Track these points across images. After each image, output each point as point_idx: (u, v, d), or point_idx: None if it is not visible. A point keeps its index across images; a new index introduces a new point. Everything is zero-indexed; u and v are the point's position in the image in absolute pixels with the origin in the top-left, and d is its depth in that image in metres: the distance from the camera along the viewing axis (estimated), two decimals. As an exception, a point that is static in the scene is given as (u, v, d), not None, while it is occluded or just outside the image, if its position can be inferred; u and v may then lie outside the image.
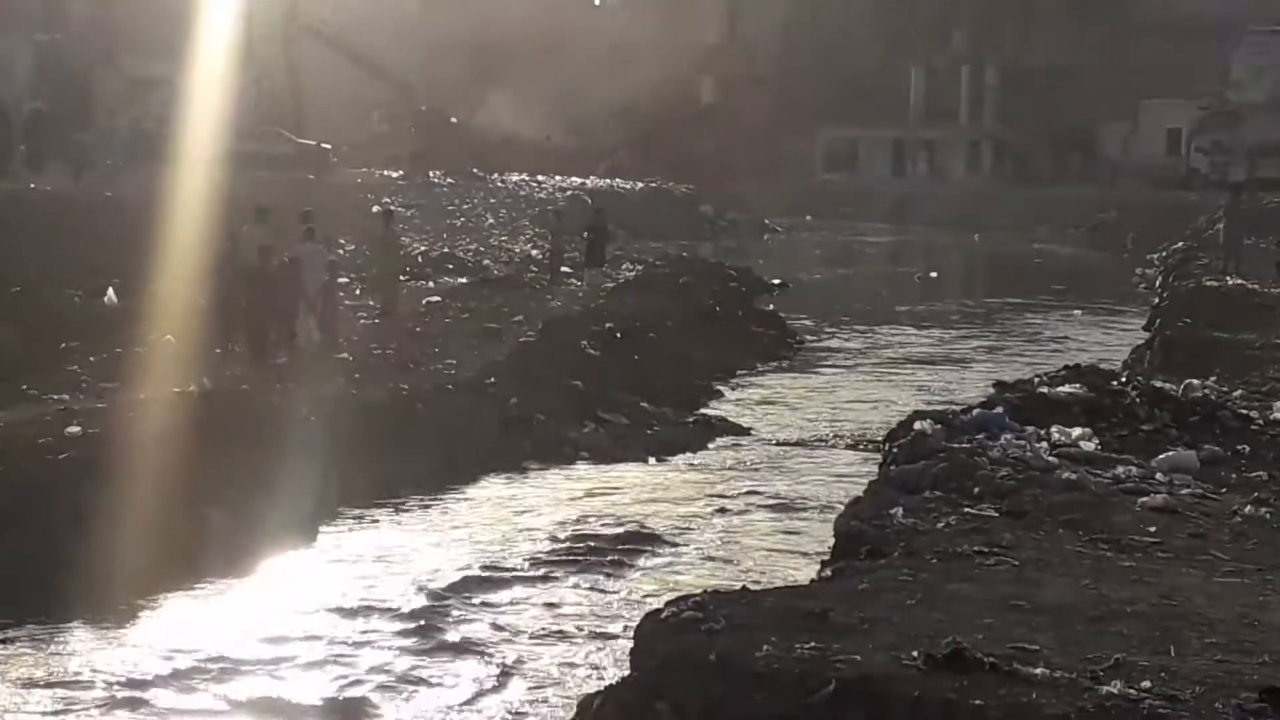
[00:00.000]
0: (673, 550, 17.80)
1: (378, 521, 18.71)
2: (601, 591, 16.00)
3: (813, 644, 8.69)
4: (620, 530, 18.59)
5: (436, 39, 70.39)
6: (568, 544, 17.97)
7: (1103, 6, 75.50)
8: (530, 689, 13.43)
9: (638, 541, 18.04)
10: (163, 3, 48.71)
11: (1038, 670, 8.26)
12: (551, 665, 13.90)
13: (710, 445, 24.04)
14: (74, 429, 17.53)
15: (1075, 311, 41.02)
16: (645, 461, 22.60)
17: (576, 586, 16.31)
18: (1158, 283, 40.75)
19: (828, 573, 12.64)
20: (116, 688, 12.90)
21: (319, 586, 16.29)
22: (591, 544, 17.91)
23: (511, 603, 15.67)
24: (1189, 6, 74.55)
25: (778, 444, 24.43)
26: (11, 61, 46.75)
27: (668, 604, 10.12)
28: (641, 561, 17.33)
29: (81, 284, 26.77)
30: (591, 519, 19.10)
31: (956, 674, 8.09)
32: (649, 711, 8.88)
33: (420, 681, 13.72)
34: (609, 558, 17.36)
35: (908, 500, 13.90)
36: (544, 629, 14.88)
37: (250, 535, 17.20)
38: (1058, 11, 76.39)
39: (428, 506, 19.46)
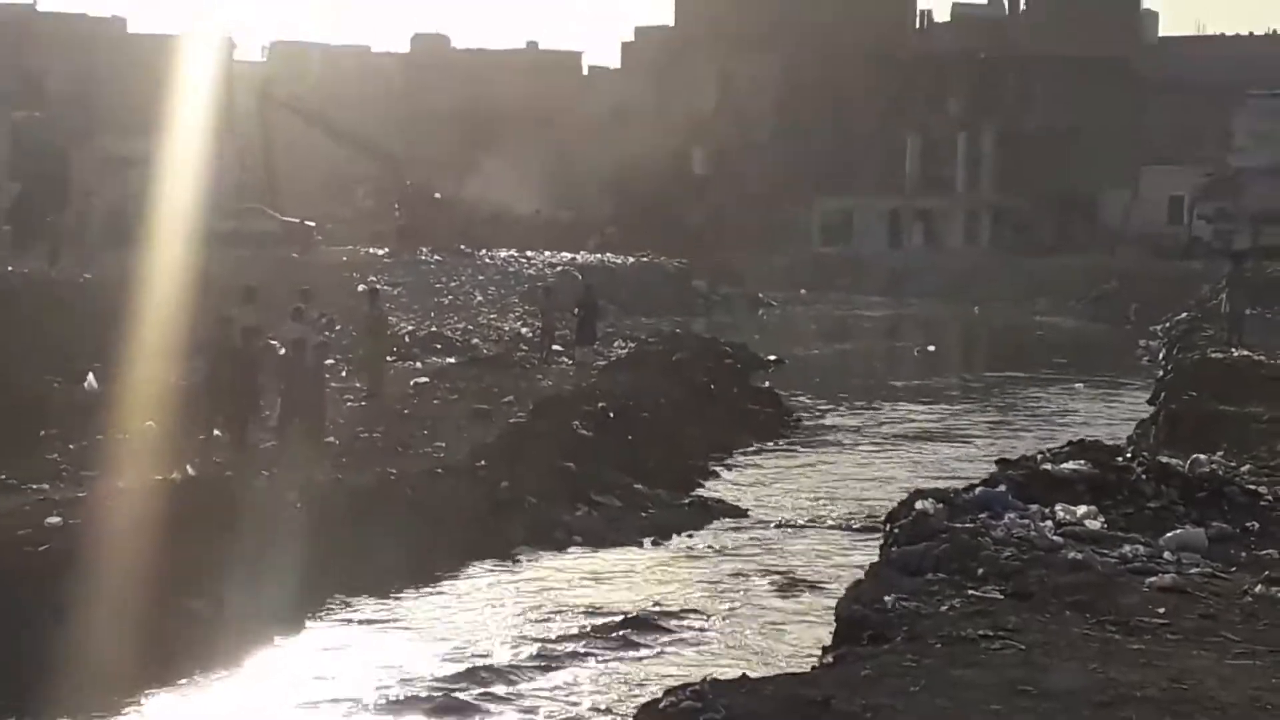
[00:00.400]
0: (670, 637, 17.63)
1: (365, 612, 18.47)
2: (595, 684, 15.81)
3: None
4: (615, 618, 18.33)
5: (423, 110, 71.42)
6: (559, 634, 17.77)
7: (1101, 70, 75.81)
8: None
9: (633, 628, 17.82)
10: (141, 80, 49.00)
11: None
12: None
13: (706, 527, 23.94)
14: (54, 519, 17.32)
15: (1078, 385, 41.21)
16: (640, 545, 22.46)
17: (569, 680, 16.10)
18: (1161, 355, 40.81)
19: (829, 659, 12.55)
20: None
21: (303, 682, 16.07)
22: (585, 633, 17.76)
23: (504, 697, 15.41)
24: (1190, 70, 75.97)
25: (775, 526, 24.34)
26: None
27: (665, 693, 10.07)
28: (638, 650, 17.12)
29: (60, 369, 26.68)
30: (585, 607, 18.95)
31: None
32: None
33: None
34: (603, 647, 17.17)
35: (910, 583, 13.80)
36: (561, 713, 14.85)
37: (233, 628, 17.02)
38: (1055, 75, 77.06)
39: (416, 597, 19.23)
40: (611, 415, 28.67)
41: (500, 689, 15.59)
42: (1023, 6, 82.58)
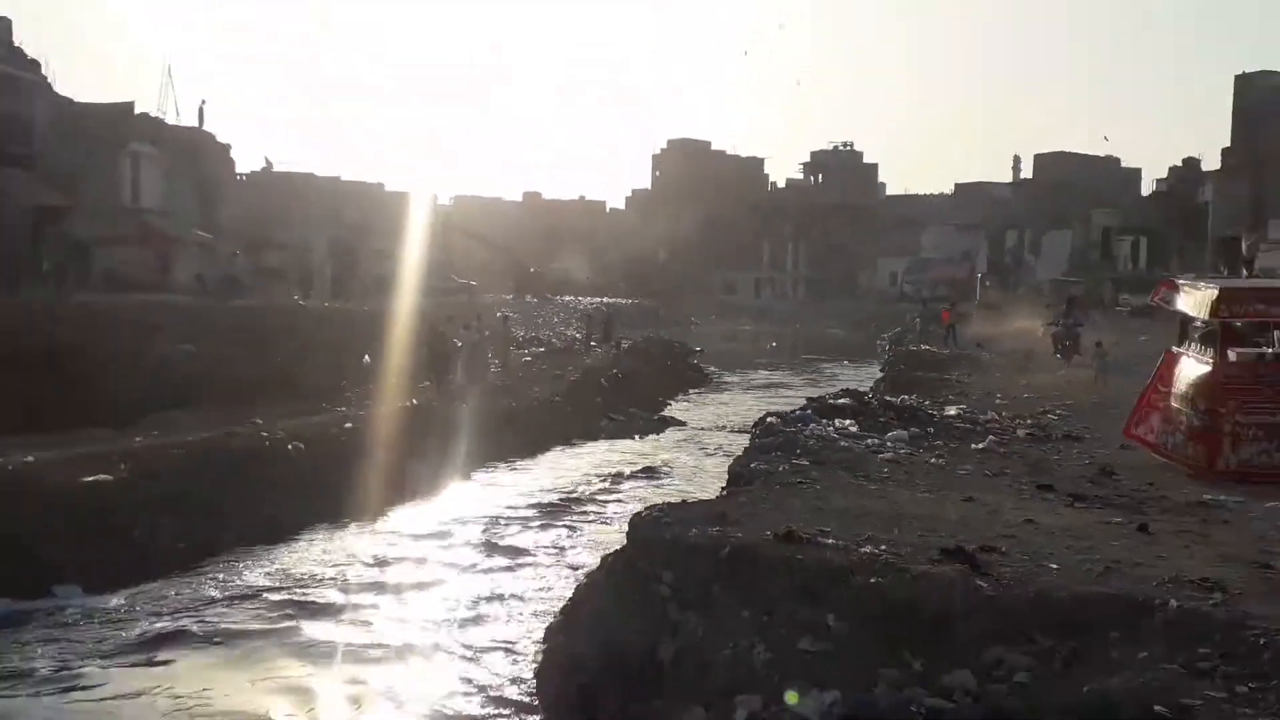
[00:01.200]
0: (648, 481, 25.06)
1: (501, 469, 26.32)
2: (615, 502, 22.42)
3: (717, 529, 11.14)
4: (623, 471, 26.17)
5: (527, 230, 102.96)
6: (597, 478, 25.21)
7: (857, 210, 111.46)
8: (577, 547, 18.76)
9: (631, 477, 25.53)
10: (392, 214, 67.98)
11: (829, 541, 10.56)
12: (591, 537, 19.19)
13: (666, 430, 33.66)
14: (348, 424, 24.64)
15: (845, 362, 55.85)
16: (633, 438, 31.52)
17: (604, 499, 22.76)
18: (887, 349, 54.26)
19: (724, 493, 15.39)
20: (372, 555, 18.05)
21: (474, 500, 22.71)
22: (609, 478, 25.25)
23: (572, 508, 21.95)
24: (905, 209, 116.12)
25: (699, 429, 33.59)
26: (316, 243, 64.40)
27: (645, 509, 12.72)
28: (634, 488, 24.12)
29: (353, 353, 33.03)
30: (610, 466, 26.84)
31: (791, 543, 10.50)
32: (635, 564, 11.26)
33: (518, 538, 19.47)
34: (619, 485, 24.58)
35: (763, 457, 16.98)
36: (587, 519, 20.94)
37: (441, 473, 24.32)
38: (833, 213, 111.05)
39: (528, 462, 27.36)
40: (620, 376, 39.13)
41: (572, 504, 22.42)
42: (820, 179, 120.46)
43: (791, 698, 9.01)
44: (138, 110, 54.02)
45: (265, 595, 15.77)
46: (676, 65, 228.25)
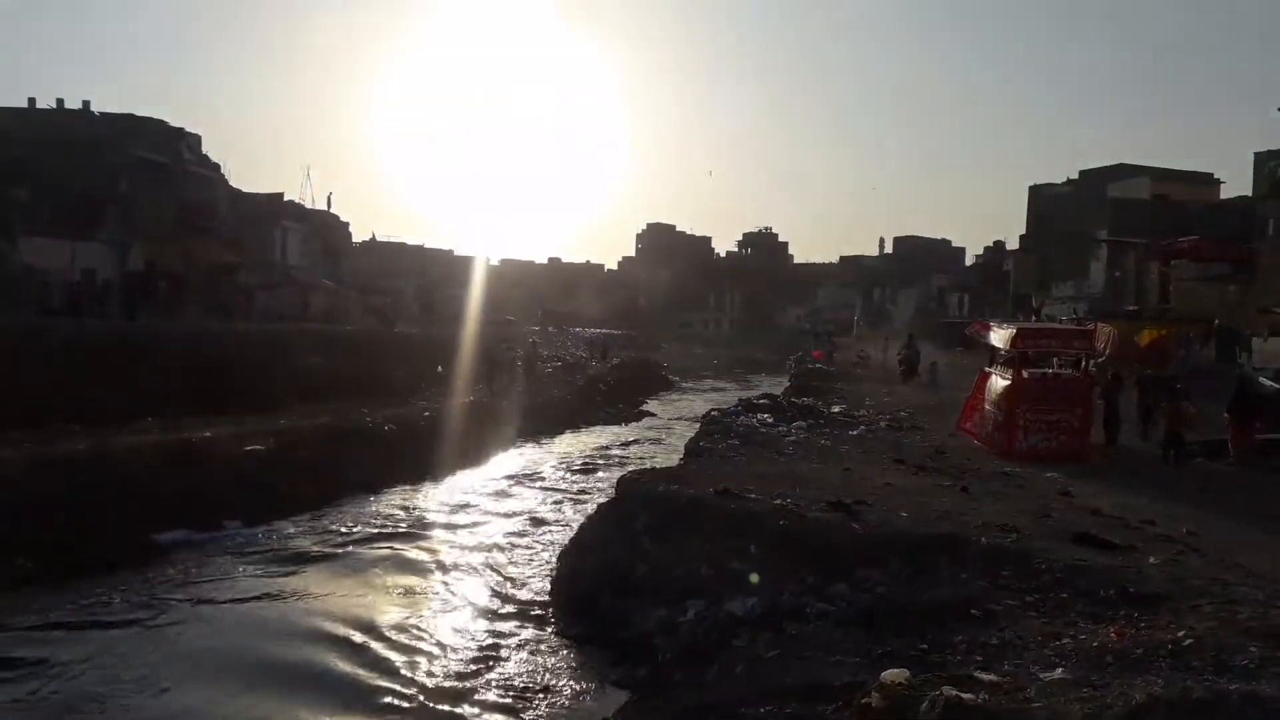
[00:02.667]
0: (631, 453, 24.79)
1: (532, 444, 26.10)
2: (609, 467, 21.80)
3: (675, 486, 11.37)
4: (614, 446, 26.10)
5: (548, 285, 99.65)
6: (596, 451, 25.12)
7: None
8: (582, 496, 18.38)
9: (620, 450, 25.32)
10: (459, 269, 70.53)
11: (753, 495, 10.66)
12: (592, 489, 18.80)
13: (643, 420, 33.20)
14: (427, 414, 24.67)
15: (763, 376, 51.69)
16: (621, 425, 31.29)
17: (601, 468, 22.15)
18: (792, 367, 48.14)
19: (682, 462, 15.53)
20: (442, 502, 18.03)
21: (512, 463, 23.04)
22: (606, 450, 25.24)
23: (577, 470, 21.95)
24: (806, 273, 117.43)
25: (667, 419, 33.40)
26: (404, 291, 63.86)
27: (627, 474, 13.09)
28: (621, 456, 23.91)
29: (431, 363, 32.62)
30: (605, 443, 26.80)
31: (726, 497, 10.61)
32: (621, 509, 11.29)
33: (543, 490, 19.42)
34: (611, 455, 24.35)
35: (708, 439, 17.77)
36: (589, 477, 20.68)
37: (489, 447, 24.14)
38: (760, 277, 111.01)
39: (549, 440, 26.99)
40: (612, 382, 39.35)
41: (579, 467, 22.27)
42: (749, 251, 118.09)
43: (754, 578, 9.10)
44: (286, 198, 53.97)
45: (368, 528, 15.67)
46: (655, 168, 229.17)
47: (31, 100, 43.76)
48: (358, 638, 10.44)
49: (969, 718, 5.48)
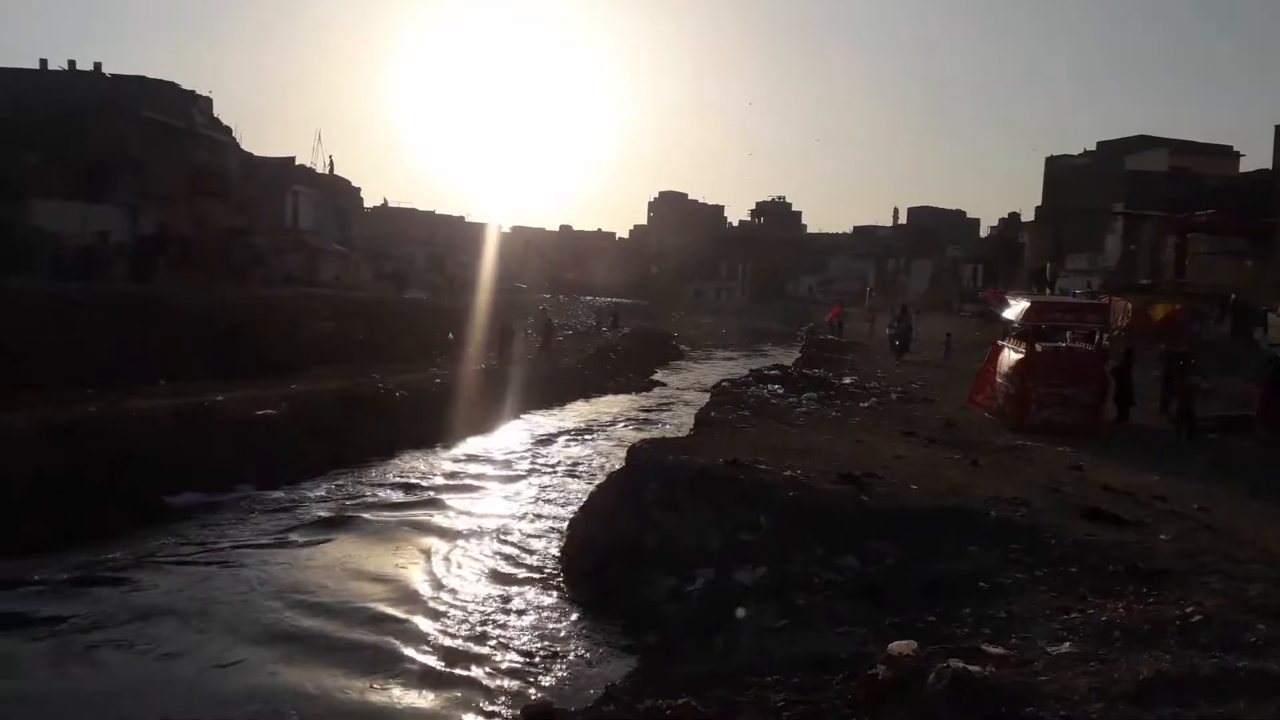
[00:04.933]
0: (641, 422, 24.80)
1: (542, 412, 25.89)
2: (618, 435, 22.08)
3: (685, 456, 11.32)
4: (624, 415, 25.90)
5: (559, 250, 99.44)
6: (606, 419, 25.03)
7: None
8: (592, 465, 18.52)
9: (629, 419, 25.15)
10: (470, 236, 69.57)
11: (763, 466, 10.63)
12: (601, 458, 18.78)
13: (653, 390, 32.74)
14: (438, 380, 24.52)
15: (774, 346, 50.47)
16: (631, 394, 30.96)
17: (610, 433, 22.72)
18: (803, 338, 48.53)
19: (692, 432, 15.76)
20: (451, 468, 18.11)
21: (523, 431, 23.03)
22: (615, 419, 25.15)
23: (588, 439, 21.96)
24: (819, 242, 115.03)
25: (676, 389, 32.79)
26: (416, 256, 63.98)
27: (639, 442, 13.04)
28: (631, 426, 23.89)
29: (449, 330, 33.50)
30: (614, 412, 26.65)
31: (736, 468, 10.52)
32: (630, 478, 11.36)
33: (553, 457, 19.51)
34: (620, 424, 24.38)
35: (719, 409, 17.43)
36: (598, 446, 20.73)
37: (500, 414, 24.05)
38: (773, 247, 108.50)
39: (560, 408, 26.82)
40: (622, 351, 38.99)
41: (589, 436, 22.40)
42: (762, 220, 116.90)
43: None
44: (296, 162, 53.84)
45: (380, 493, 15.80)
46: (668, 136, 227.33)
47: (43, 62, 43.58)
48: (368, 600, 10.57)
49: (976, 690, 5.50)
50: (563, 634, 9.71)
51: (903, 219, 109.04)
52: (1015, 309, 17.93)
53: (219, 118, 47.56)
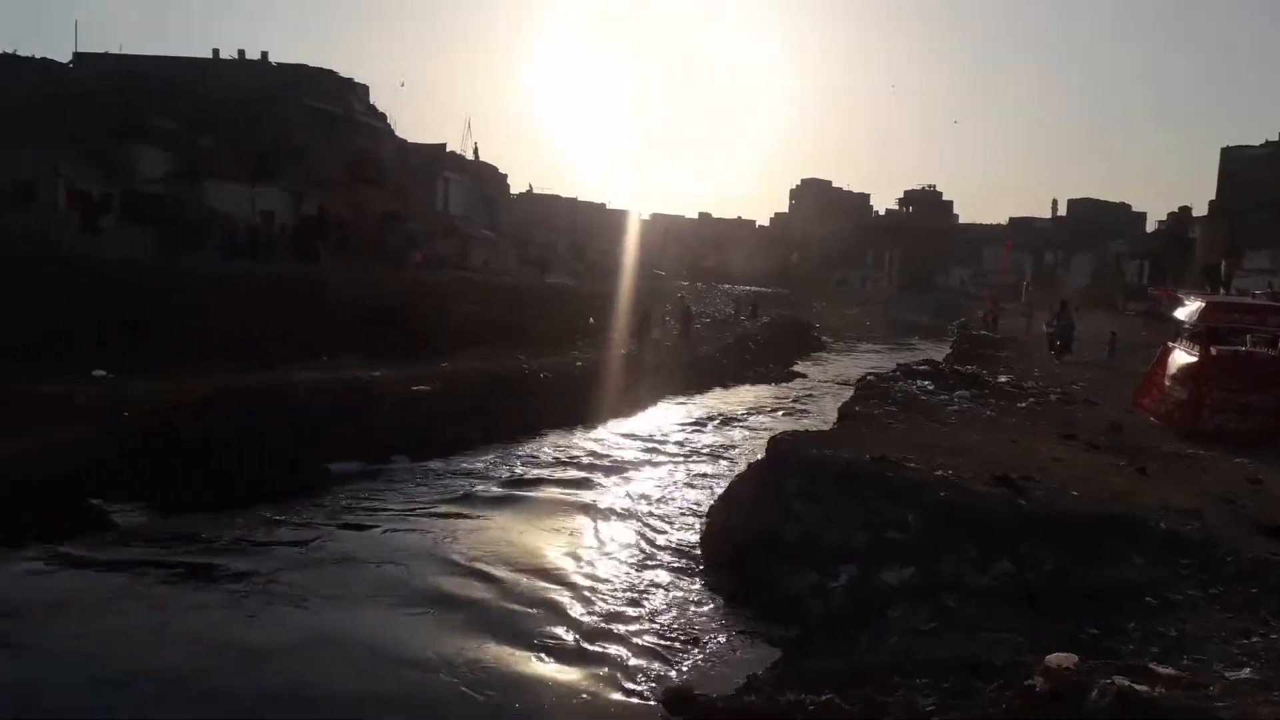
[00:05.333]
0: (780, 414, 24.35)
1: (679, 400, 25.57)
2: (756, 425, 21.68)
3: (828, 450, 11.15)
4: (762, 406, 25.65)
5: (699, 236, 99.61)
6: (743, 409, 24.60)
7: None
8: (730, 452, 18.45)
9: (768, 411, 24.76)
10: (610, 222, 70.30)
11: (912, 464, 10.35)
12: (740, 447, 18.92)
13: (793, 381, 32.13)
14: (580, 363, 24.99)
15: (922, 340, 49.74)
16: (770, 384, 30.49)
17: (748, 424, 22.32)
18: (955, 332, 47.45)
19: (835, 426, 15.29)
20: (593, 449, 18.27)
21: (662, 416, 23.01)
22: (753, 410, 24.72)
23: (726, 427, 21.93)
24: (972, 233, 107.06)
25: (817, 381, 32.32)
26: (558, 243, 65.14)
27: (780, 433, 12.91)
28: (769, 417, 23.39)
29: (593, 316, 34.16)
30: (753, 402, 26.29)
31: (884, 465, 10.26)
32: (773, 470, 11.22)
33: (692, 444, 19.52)
34: (758, 415, 23.86)
35: (863, 403, 17.00)
36: (736, 435, 20.75)
37: (639, 399, 23.93)
38: (922, 236, 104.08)
39: (698, 395, 26.54)
40: (762, 340, 38.23)
41: (727, 425, 22.10)
42: (910, 209, 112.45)
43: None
44: (448, 149, 55.69)
45: (524, 470, 16.17)
46: (811, 122, 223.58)
47: (215, 51, 46.57)
48: (511, 573, 10.92)
49: (1143, 711, 5.25)
50: (702, 620, 9.79)
51: (1062, 210, 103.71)
52: (1189, 309, 16.89)
53: (375, 105, 49.71)
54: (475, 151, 59.67)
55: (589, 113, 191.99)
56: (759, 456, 12.21)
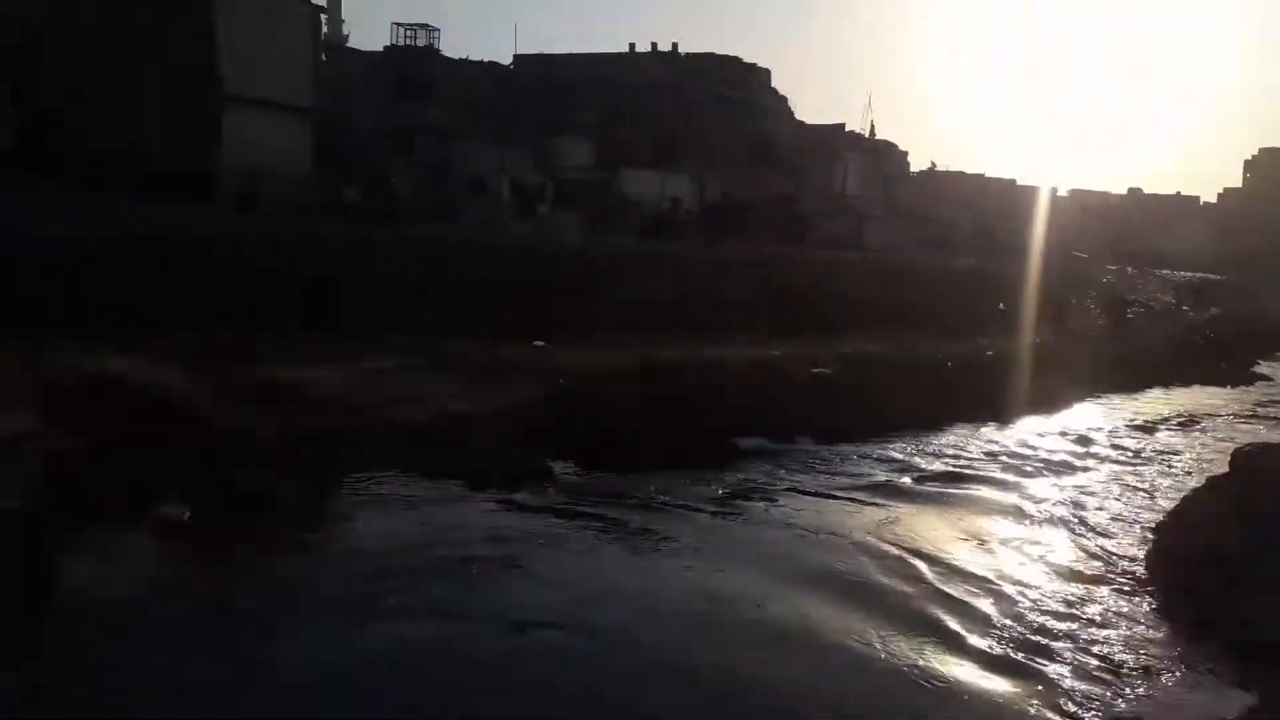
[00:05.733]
0: (1244, 421, 21.33)
1: (1108, 398, 23.19)
2: (1208, 439, 19.10)
3: None
4: (1215, 410, 22.62)
5: (1127, 214, 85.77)
6: (1191, 419, 21.29)
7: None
8: (1174, 464, 16.49)
9: (1224, 416, 21.86)
10: (1021, 200, 60.97)
11: None
12: (1187, 457, 17.07)
13: (1254, 383, 27.83)
14: (989, 352, 23.38)
15: None
16: (1226, 387, 26.51)
17: (1198, 435, 19.53)
18: None
19: None
20: (1004, 446, 16.81)
21: (1090, 418, 20.37)
22: (1205, 415, 21.79)
23: (1169, 433, 19.55)
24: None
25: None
26: (962, 220, 59.25)
27: (1247, 446, 11.36)
28: (1220, 426, 20.71)
29: (992, 302, 31.29)
30: (1202, 406, 23.30)
31: None
32: (1239, 487, 10.14)
33: (1126, 449, 17.29)
34: (1212, 421, 21.01)
35: None
36: (1180, 444, 18.42)
37: (1060, 395, 21.65)
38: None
39: (1131, 395, 24.05)
40: (1210, 337, 33.45)
41: (1167, 432, 19.57)
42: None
43: None
44: (846, 129, 55.36)
45: (932, 462, 15.48)
46: (1270, 80, 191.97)
47: (631, 45, 49.94)
48: (930, 568, 10.47)
49: None
50: (1152, 648, 8.75)
51: None
52: None
53: (775, 88, 50.68)
54: (871, 129, 58.73)
55: (998, 83, 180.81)
56: (1218, 470, 11.13)
